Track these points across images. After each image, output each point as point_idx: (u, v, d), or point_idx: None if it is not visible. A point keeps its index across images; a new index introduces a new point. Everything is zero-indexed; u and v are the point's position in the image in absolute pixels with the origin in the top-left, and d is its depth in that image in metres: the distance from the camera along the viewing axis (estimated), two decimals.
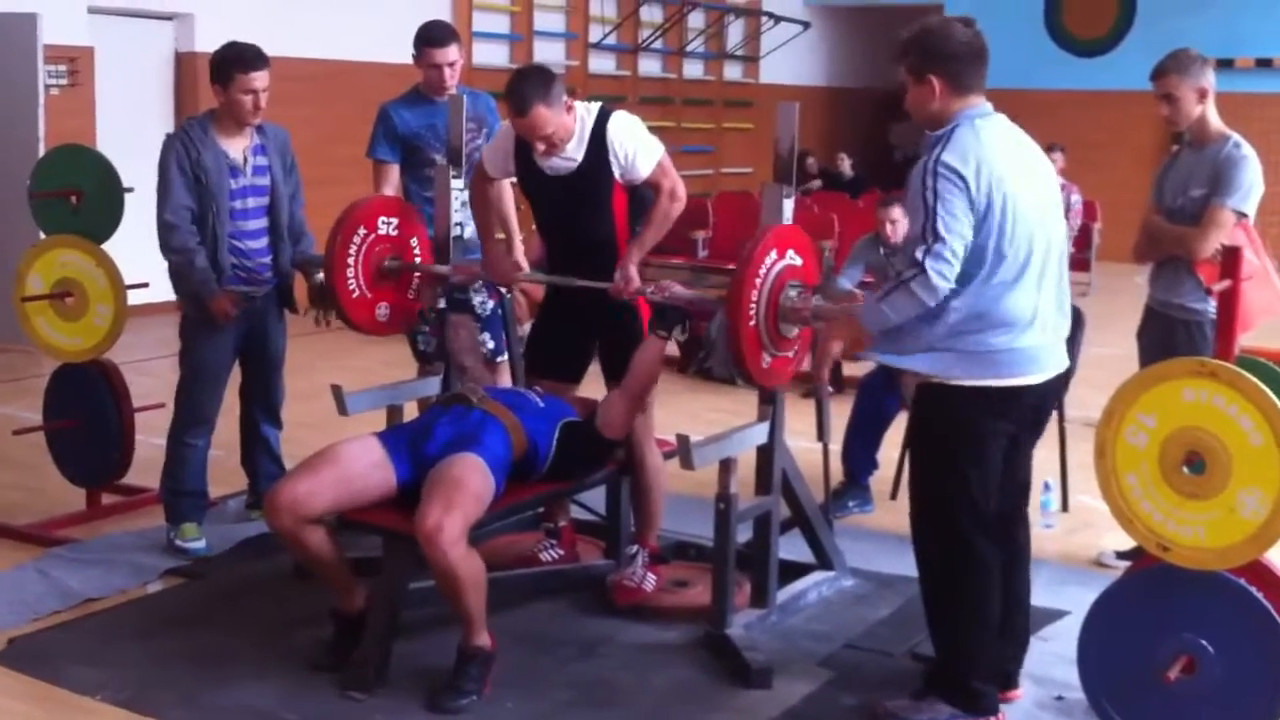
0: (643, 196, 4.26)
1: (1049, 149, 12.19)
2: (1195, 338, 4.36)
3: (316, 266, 4.62)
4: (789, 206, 3.96)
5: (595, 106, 4.21)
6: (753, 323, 3.65)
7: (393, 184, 5.13)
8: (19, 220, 5.24)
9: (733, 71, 15.62)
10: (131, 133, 8.70)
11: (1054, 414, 4.08)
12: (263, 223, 4.76)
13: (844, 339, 3.70)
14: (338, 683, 3.67)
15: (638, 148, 4.13)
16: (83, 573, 4.50)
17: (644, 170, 4.12)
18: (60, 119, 8.32)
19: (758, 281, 3.65)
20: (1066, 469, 5.35)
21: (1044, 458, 3.66)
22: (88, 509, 5.16)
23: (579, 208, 4.19)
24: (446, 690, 3.60)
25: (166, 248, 4.60)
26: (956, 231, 3.23)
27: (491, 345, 4.95)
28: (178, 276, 4.67)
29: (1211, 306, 4.38)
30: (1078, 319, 4.93)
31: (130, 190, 4.93)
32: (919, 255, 3.25)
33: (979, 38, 3.42)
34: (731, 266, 10.96)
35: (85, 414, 5.07)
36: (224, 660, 3.85)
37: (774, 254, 3.70)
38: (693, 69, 15.11)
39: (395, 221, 4.50)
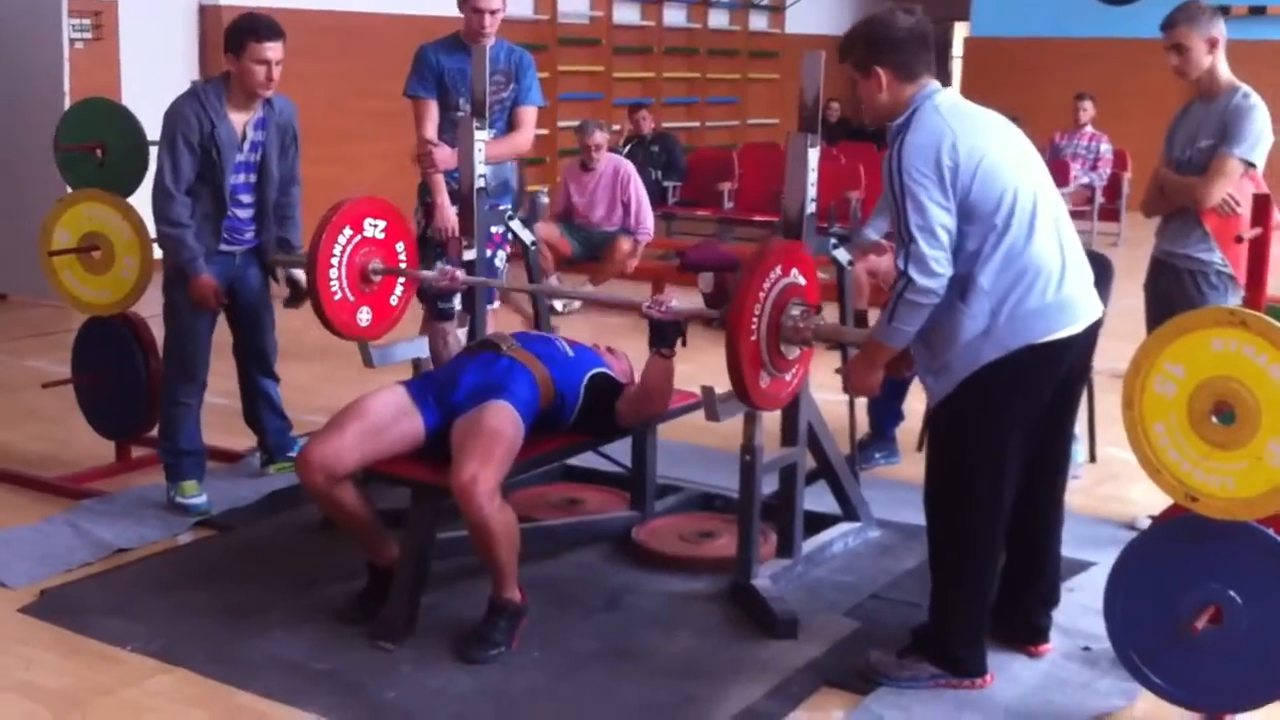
0: None
1: (1078, 98, 12.23)
2: (1202, 287, 4.37)
3: (291, 264, 4.60)
4: (814, 156, 3.93)
5: None
6: (753, 337, 3.54)
7: (433, 119, 5.24)
8: (45, 174, 5.24)
9: (758, 21, 15.49)
10: (156, 86, 8.62)
11: None
12: (250, 197, 4.72)
13: (875, 369, 3.55)
14: (367, 634, 3.70)
15: None
16: (113, 525, 4.54)
17: None
18: (85, 73, 8.29)
19: (761, 295, 3.54)
20: (1094, 420, 5.33)
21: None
22: (117, 462, 5.19)
23: None
24: (475, 641, 3.63)
25: (160, 216, 4.56)
26: (929, 226, 3.21)
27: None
28: (166, 244, 4.64)
29: (1218, 257, 4.38)
30: (1106, 269, 4.91)
31: (155, 143, 4.92)
32: (900, 264, 3.25)
33: (921, 23, 3.40)
34: (759, 218, 10.92)
35: (113, 367, 5.09)
36: (253, 611, 3.87)
37: (779, 269, 3.61)
38: (718, 19, 14.98)
39: (382, 224, 4.41)
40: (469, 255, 4.58)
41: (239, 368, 5.05)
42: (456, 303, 4.33)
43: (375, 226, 4.38)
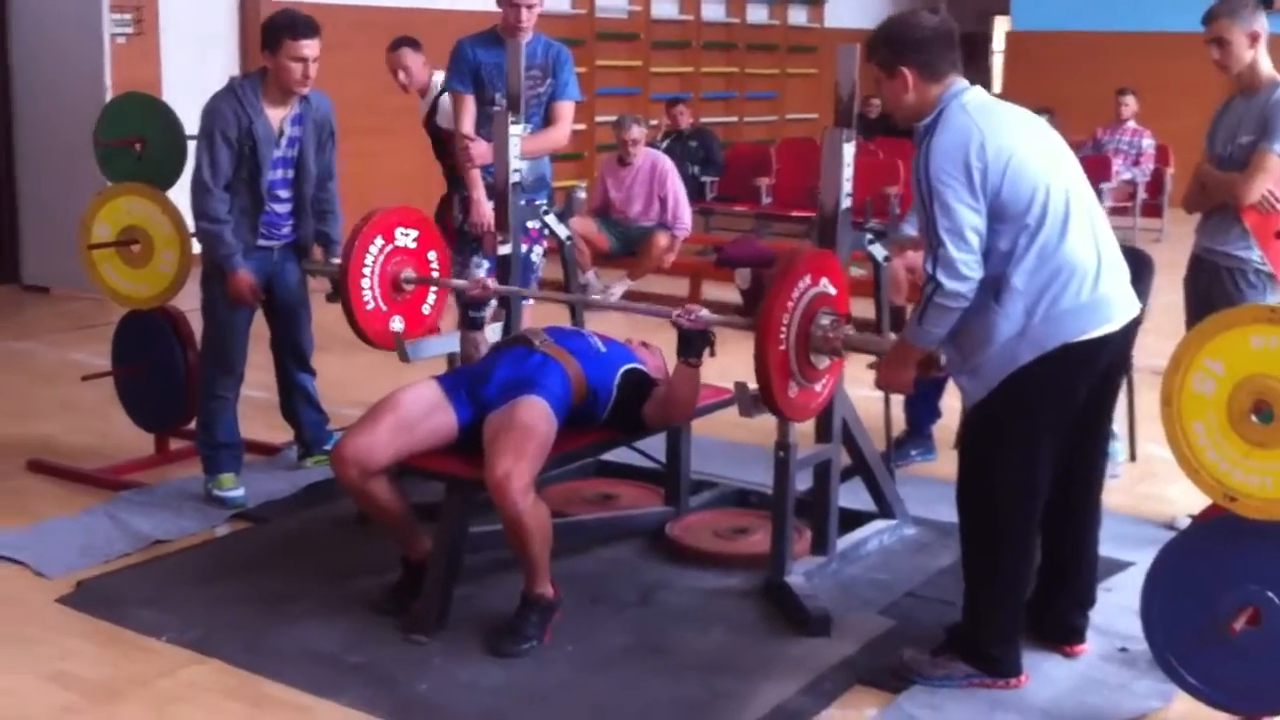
0: None
1: (1120, 92, 12.11)
2: (1240, 285, 4.32)
3: (323, 273, 4.66)
4: (849, 151, 3.91)
5: None
6: (782, 347, 3.52)
7: (470, 114, 5.24)
8: (87, 168, 5.29)
9: (797, 16, 15.43)
10: (196, 81, 8.71)
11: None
12: (288, 192, 4.74)
13: (905, 369, 3.50)
14: (400, 626, 3.71)
15: None
16: (151, 516, 4.57)
17: None
18: (126, 67, 8.38)
19: (790, 304, 3.52)
20: (1134, 418, 5.28)
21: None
22: (156, 454, 5.23)
23: None
24: (507, 635, 3.63)
25: (198, 212, 4.59)
26: (958, 228, 3.18)
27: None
28: (204, 240, 4.67)
29: (1256, 254, 4.33)
30: (1147, 265, 4.87)
31: (193, 138, 4.95)
32: (928, 268, 3.23)
33: (946, 22, 3.38)
34: (797, 213, 10.90)
35: (152, 360, 5.13)
36: (288, 603, 3.89)
37: (808, 279, 3.58)
38: (756, 13, 14.93)
39: (414, 234, 4.44)
40: (504, 250, 4.58)
41: (276, 362, 5.07)
42: (488, 312, 4.33)
43: (407, 236, 4.41)
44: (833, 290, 3.66)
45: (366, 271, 4.30)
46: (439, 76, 6.59)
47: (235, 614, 3.83)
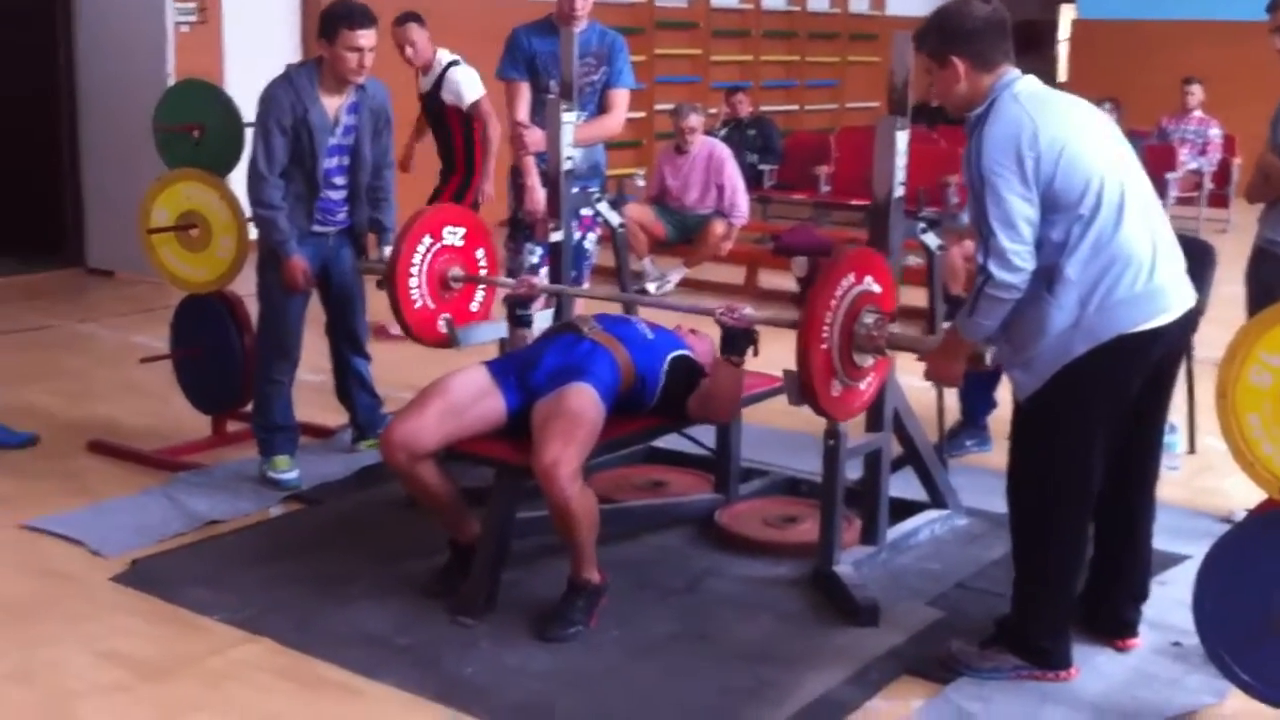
0: None
1: (1186, 81, 11.94)
2: None
3: (372, 273, 4.68)
4: (903, 139, 3.87)
5: None
6: (825, 345, 3.49)
7: (524, 102, 5.25)
8: (149, 155, 5.35)
9: (858, 3, 15.31)
10: (258, 69, 8.80)
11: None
12: (343, 180, 4.77)
13: (955, 361, 3.47)
14: (448, 609, 3.73)
15: None
16: (207, 497, 4.63)
17: None
18: (189, 56, 8.47)
19: (833, 302, 3.49)
20: (1194, 410, 5.20)
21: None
22: (213, 436, 5.29)
23: None
24: (554, 620, 3.64)
25: (254, 199, 4.63)
26: (1010, 218, 3.15)
27: (573, 274, 4.90)
28: (259, 225, 4.71)
29: None
30: (1208, 256, 4.80)
31: (251, 125, 4.99)
32: (980, 259, 3.19)
33: (998, 11, 3.33)
34: (855, 202, 10.84)
35: (209, 344, 5.18)
36: (338, 585, 3.93)
37: (851, 277, 3.55)
38: (817, 1, 14.85)
39: (462, 231, 4.45)
40: (556, 237, 4.59)
41: (331, 346, 5.12)
42: (535, 310, 4.34)
43: (455, 234, 4.43)
44: (877, 288, 3.63)
45: (414, 270, 4.32)
46: (444, 54, 6.64)
47: (286, 594, 3.87)
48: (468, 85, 6.64)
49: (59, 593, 3.91)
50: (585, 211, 5.09)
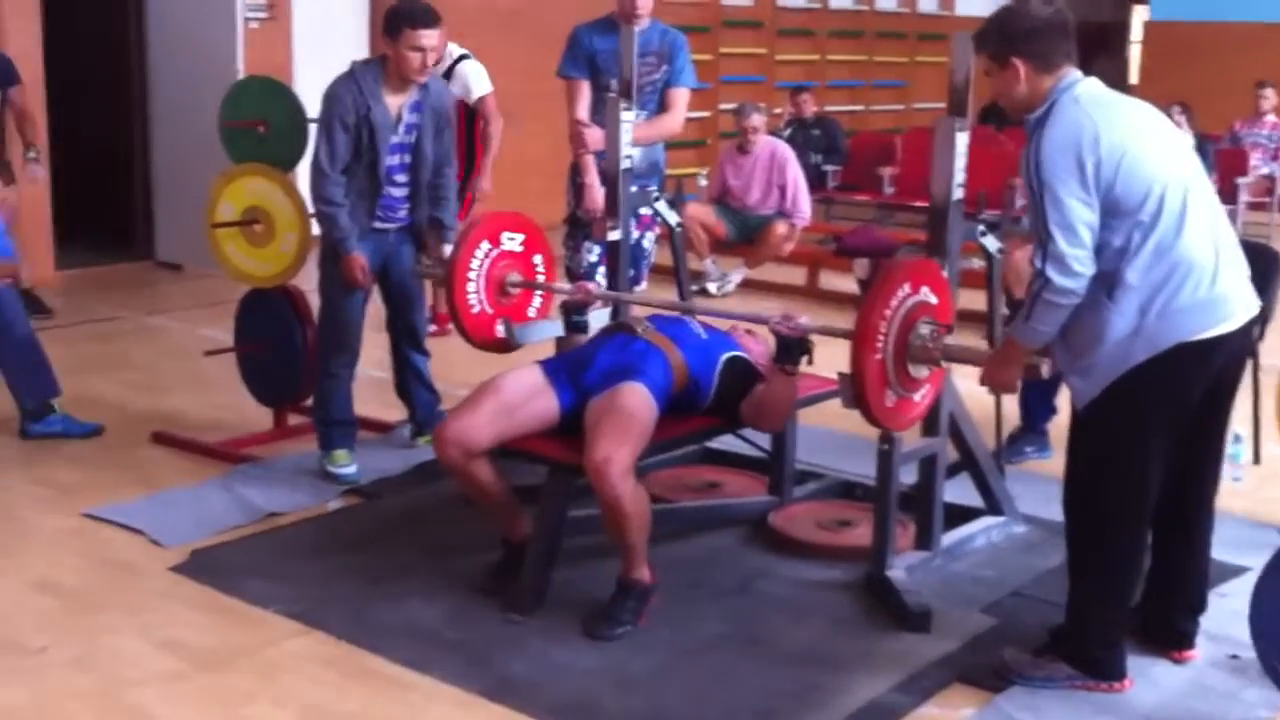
0: None
1: (1259, 85, 11.77)
2: None
3: (431, 277, 4.73)
4: (962, 140, 3.84)
5: None
6: (878, 356, 3.47)
7: (584, 100, 5.26)
8: (217, 150, 5.42)
9: (927, 3, 15.23)
10: (327, 66, 8.87)
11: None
12: (404, 178, 4.80)
13: (1012, 367, 3.45)
14: (499, 606, 3.75)
15: None
16: (266, 490, 4.69)
17: None
18: (258, 52, 8.58)
19: (888, 313, 3.47)
20: (1259, 420, 5.12)
21: (1235, 408, 3.53)
22: (274, 428, 5.35)
23: None
24: (603, 619, 3.65)
25: (316, 196, 4.68)
26: (1069, 223, 3.11)
27: (631, 273, 4.90)
28: (320, 222, 4.75)
29: None
30: (1275, 262, 4.72)
31: (315, 121, 5.04)
32: (1038, 263, 3.16)
33: (1060, 12, 3.29)
34: (919, 204, 10.77)
35: (272, 337, 5.24)
36: (393, 579, 3.96)
37: (908, 287, 3.52)
38: (885, 1, 14.76)
39: (520, 237, 4.47)
40: (614, 236, 4.60)
41: (391, 341, 5.16)
42: (591, 320, 4.35)
43: (513, 240, 4.46)
44: (934, 299, 3.60)
45: (472, 274, 4.35)
46: (453, 47, 6.66)
47: (341, 587, 3.91)
48: (476, 80, 6.69)
49: (119, 582, 3.97)
50: (644, 210, 5.10)
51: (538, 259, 4.54)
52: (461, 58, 6.74)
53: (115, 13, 8.91)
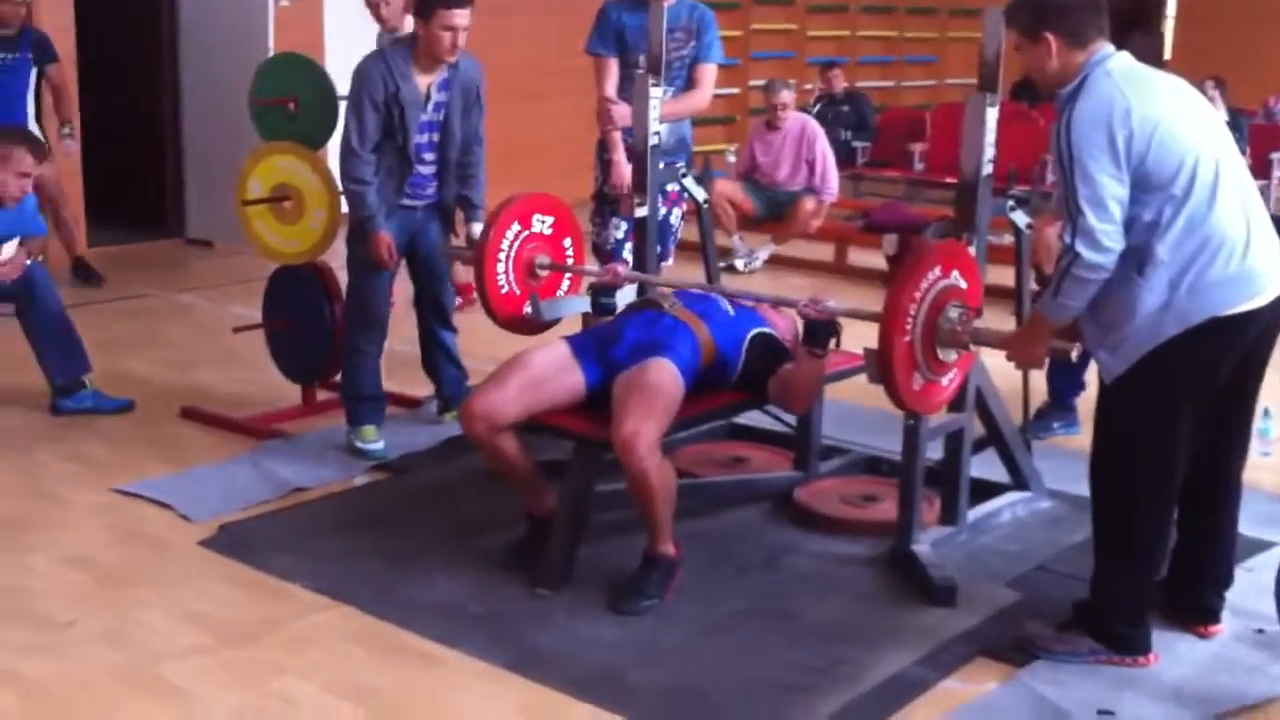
0: None
1: None
2: None
3: (459, 257, 4.71)
4: (992, 116, 3.82)
5: None
6: (907, 338, 3.44)
7: (613, 78, 5.23)
8: (247, 128, 5.45)
9: None
10: (358, 44, 8.87)
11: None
12: (433, 155, 4.81)
13: (1039, 343, 3.43)
14: (525, 580, 3.77)
15: None
16: (293, 465, 4.72)
17: None
18: (290, 30, 8.57)
19: (918, 294, 3.45)
20: None
21: (1265, 382, 3.51)
22: (303, 404, 5.39)
23: None
24: (629, 593, 3.66)
25: (345, 174, 4.69)
26: (1099, 198, 3.09)
27: (658, 250, 4.89)
28: (349, 200, 4.77)
29: None
30: None
31: (345, 98, 5.05)
32: (1067, 238, 3.14)
33: None
34: (949, 180, 10.69)
35: (301, 314, 5.27)
36: (419, 554, 3.98)
37: (938, 270, 3.50)
38: None
39: (550, 220, 4.47)
40: (641, 212, 4.60)
41: (418, 318, 5.18)
42: (618, 298, 4.35)
43: (543, 222, 4.46)
44: (964, 284, 3.59)
45: (502, 256, 4.35)
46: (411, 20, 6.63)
47: (367, 562, 3.94)
48: None
49: (148, 556, 4.01)
50: (671, 187, 5.09)
51: (567, 242, 4.54)
52: None
53: None
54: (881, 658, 3.41)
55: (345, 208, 4.91)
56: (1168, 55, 15.36)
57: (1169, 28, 16.87)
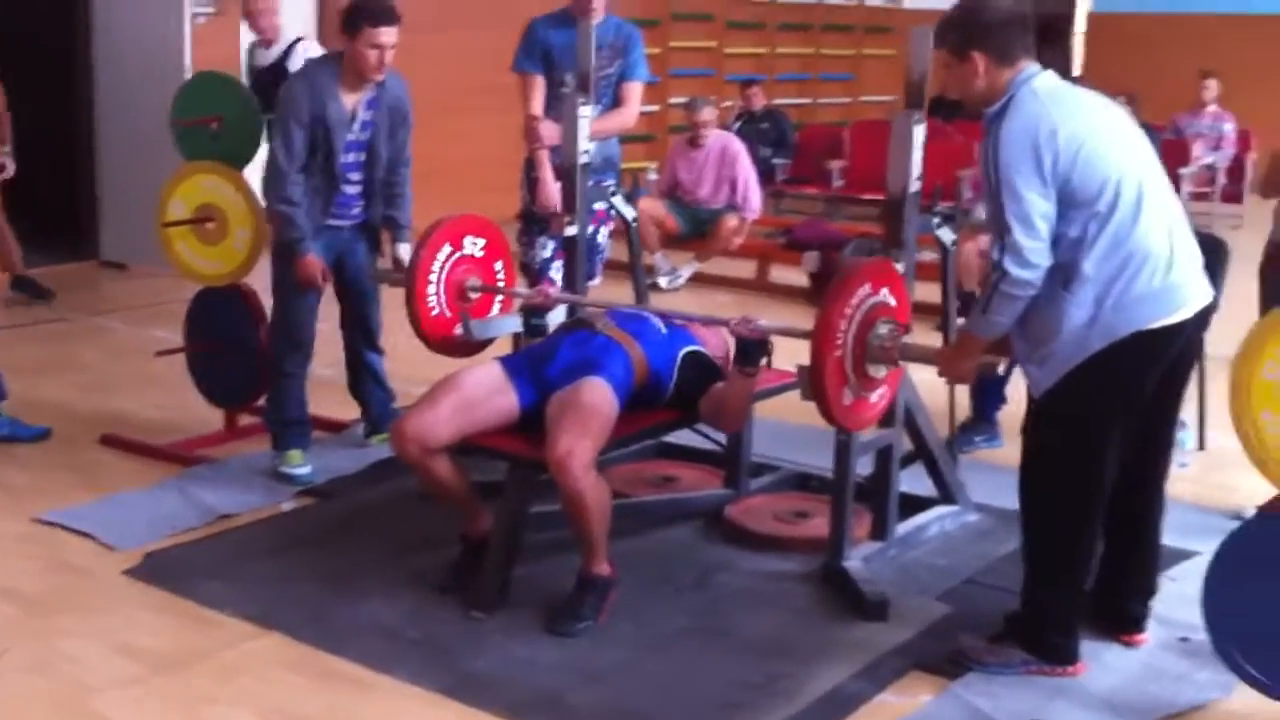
0: None
1: (1202, 75, 11.91)
2: None
3: (390, 282, 4.66)
4: (919, 134, 3.87)
5: None
6: (838, 353, 3.48)
7: (540, 96, 5.22)
8: (165, 147, 5.37)
9: None
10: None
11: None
12: (359, 175, 4.77)
13: (968, 358, 3.48)
14: (459, 603, 3.75)
15: None
16: (219, 490, 4.65)
17: None
18: (206, 47, 8.49)
19: (848, 311, 3.49)
20: (1205, 407, 5.20)
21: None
22: (226, 429, 5.31)
23: None
24: (564, 615, 3.66)
25: (274, 194, 4.64)
26: (1027, 215, 3.15)
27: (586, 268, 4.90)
28: (276, 221, 4.71)
29: None
30: (1221, 252, 4.79)
31: (268, 116, 5.01)
32: (995, 255, 3.20)
33: (1019, 6, 3.33)
34: (868, 197, 10.83)
35: (224, 337, 5.20)
36: (352, 579, 3.95)
37: (868, 287, 3.55)
38: None
39: (482, 242, 4.45)
40: (571, 231, 4.60)
41: (345, 340, 5.13)
42: (549, 319, 4.35)
43: (475, 244, 4.44)
44: (893, 301, 3.63)
45: (433, 278, 4.33)
46: (287, 31, 6.67)
47: (299, 588, 3.89)
48: None
49: (73, 586, 3.94)
50: (598, 205, 5.10)
51: (499, 264, 4.53)
52: (298, 40, 6.74)
53: (60, 9, 8.80)
54: (818, 673, 3.43)
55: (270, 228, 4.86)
56: (1077, 71, 15.66)
57: (1079, 44, 17.21)
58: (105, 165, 8.85)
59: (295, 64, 6.56)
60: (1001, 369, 3.49)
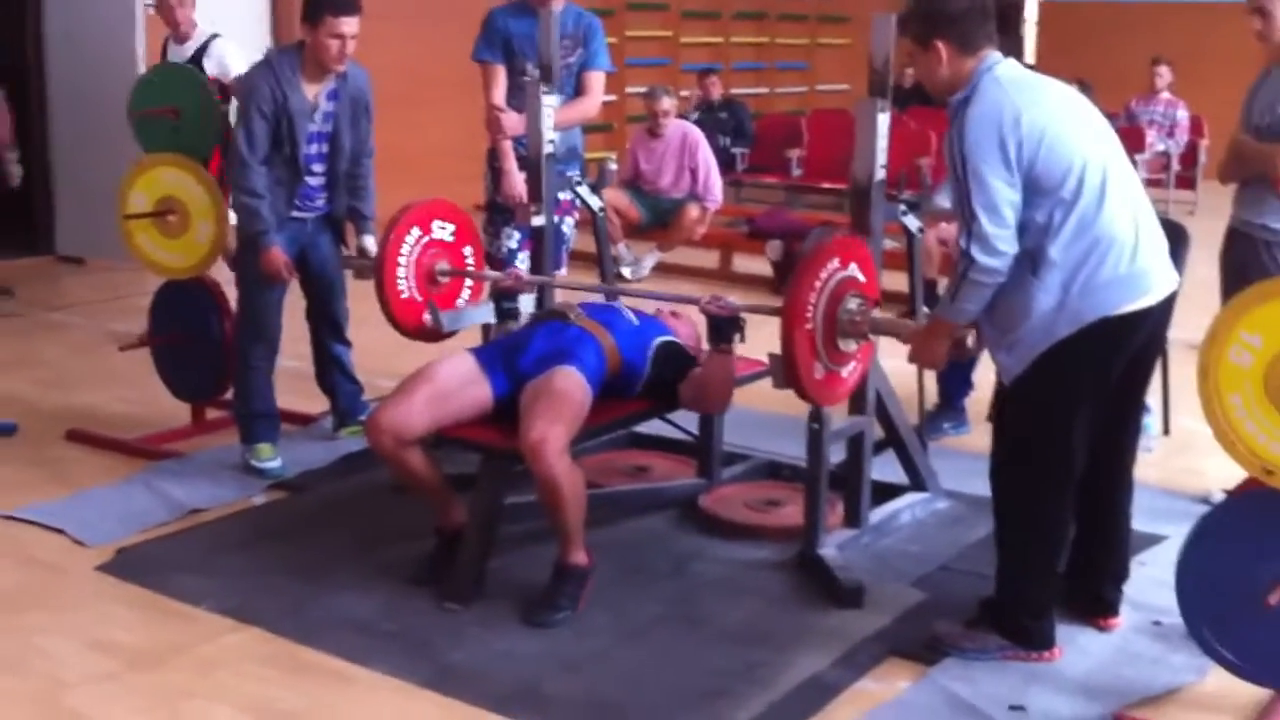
0: None
1: (1155, 62, 12.00)
2: (1277, 256, 4.27)
3: (360, 269, 4.63)
4: (884, 122, 3.89)
5: None
6: (808, 327, 3.51)
7: (501, 85, 5.20)
8: (119, 140, 5.32)
9: None
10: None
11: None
12: (322, 166, 4.74)
13: (938, 344, 3.49)
14: (435, 595, 3.74)
15: None
16: (189, 485, 4.62)
17: None
18: (159, 38, 8.39)
19: (818, 284, 3.51)
20: (1169, 391, 5.26)
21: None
22: (193, 424, 5.27)
23: None
24: (541, 605, 3.65)
25: (238, 186, 4.60)
26: (993, 203, 3.17)
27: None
28: (240, 214, 4.68)
29: None
30: (1182, 237, 4.84)
31: (225, 104, 4.96)
32: (963, 243, 3.22)
33: None
34: (827, 185, 10.90)
35: (189, 330, 5.16)
36: (327, 572, 3.93)
37: (836, 261, 3.57)
38: None
39: (451, 227, 4.45)
40: (537, 221, 4.59)
41: (312, 332, 5.11)
42: (521, 304, 4.34)
43: (444, 229, 4.42)
44: (862, 277, 3.65)
45: (402, 261, 4.31)
46: (204, 26, 6.64)
47: (274, 582, 3.87)
48: (234, 58, 6.61)
49: (45, 582, 3.90)
50: (563, 195, 5.09)
51: (468, 250, 4.52)
52: (214, 36, 6.70)
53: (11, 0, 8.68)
54: (796, 660, 3.45)
55: (235, 219, 4.82)
56: (1030, 59, 15.77)
57: (1030, 32, 17.32)
58: (59, 159, 8.76)
59: (211, 61, 6.52)
60: (971, 343, 3.50)
